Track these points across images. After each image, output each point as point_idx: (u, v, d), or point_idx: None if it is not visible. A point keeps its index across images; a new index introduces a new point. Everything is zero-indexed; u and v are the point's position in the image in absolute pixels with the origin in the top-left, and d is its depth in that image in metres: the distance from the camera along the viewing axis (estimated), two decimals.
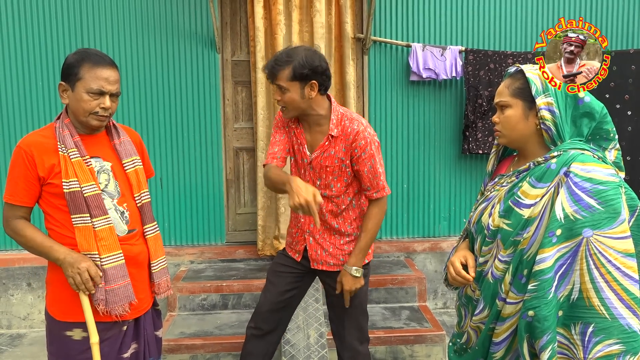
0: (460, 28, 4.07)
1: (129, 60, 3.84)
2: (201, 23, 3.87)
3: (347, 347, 2.30)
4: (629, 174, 4.05)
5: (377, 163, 2.13)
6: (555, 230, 1.35)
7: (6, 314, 3.84)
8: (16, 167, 1.77)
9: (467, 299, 1.65)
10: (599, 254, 1.31)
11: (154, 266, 1.95)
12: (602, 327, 1.30)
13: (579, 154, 1.41)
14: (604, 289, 1.30)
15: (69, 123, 1.82)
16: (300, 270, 2.30)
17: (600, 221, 1.32)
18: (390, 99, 4.07)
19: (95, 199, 1.78)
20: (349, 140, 2.10)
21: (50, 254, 1.76)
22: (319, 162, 2.14)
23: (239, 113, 4.08)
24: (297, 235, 2.28)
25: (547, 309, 1.33)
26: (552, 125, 1.46)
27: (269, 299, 2.29)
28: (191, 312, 3.52)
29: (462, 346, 1.69)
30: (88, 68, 1.76)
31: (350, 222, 2.22)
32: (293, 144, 2.22)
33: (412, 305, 3.63)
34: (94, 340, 1.74)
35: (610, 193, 1.33)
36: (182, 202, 3.99)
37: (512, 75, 1.55)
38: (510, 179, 1.54)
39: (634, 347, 1.30)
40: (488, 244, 1.54)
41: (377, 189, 2.15)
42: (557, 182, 1.40)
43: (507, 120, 1.52)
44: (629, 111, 4.00)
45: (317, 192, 1.80)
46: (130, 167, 1.91)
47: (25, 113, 3.80)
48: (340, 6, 3.81)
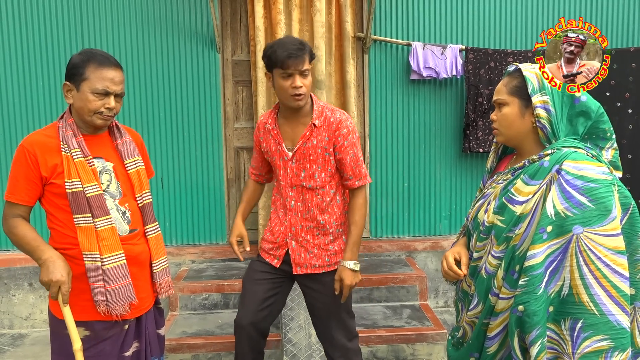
0: (461, 27, 4.07)
1: (129, 60, 3.84)
2: (201, 22, 3.87)
3: (337, 346, 2.27)
4: (630, 172, 4.05)
5: (359, 151, 2.21)
6: (545, 227, 1.36)
7: (8, 314, 3.84)
8: (18, 166, 1.78)
9: (464, 293, 1.68)
10: (589, 250, 1.32)
11: (155, 266, 1.95)
12: (590, 323, 1.32)
13: (571, 151, 1.42)
14: (594, 286, 1.32)
15: (72, 123, 1.83)
16: (279, 275, 2.27)
17: (591, 218, 1.33)
18: (390, 97, 4.07)
19: (97, 199, 1.79)
20: (332, 129, 2.14)
21: (34, 253, 1.76)
22: (302, 153, 2.16)
23: (240, 112, 4.09)
24: (278, 240, 2.24)
25: (536, 304, 1.35)
26: (547, 123, 1.48)
27: (249, 310, 2.21)
28: (193, 312, 3.53)
29: (458, 340, 1.71)
30: (93, 68, 1.77)
31: (335, 218, 2.22)
32: (271, 146, 2.23)
33: (414, 304, 3.64)
34: (76, 347, 1.72)
35: (602, 191, 1.35)
36: (183, 202, 4.00)
37: (510, 73, 1.57)
38: (506, 177, 1.57)
39: (622, 344, 1.31)
40: (482, 240, 1.56)
41: (360, 177, 2.20)
42: (550, 179, 1.41)
43: (504, 117, 1.54)
44: (630, 109, 3.99)
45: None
46: (132, 167, 1.92)
47: (27, 112, 3.80)
48: (341, 5, 3.81)
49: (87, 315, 1.81)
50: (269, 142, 2.24)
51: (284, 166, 2.20)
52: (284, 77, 2.06)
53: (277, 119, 2.24)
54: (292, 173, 2.19)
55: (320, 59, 3.71)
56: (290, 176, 2.19)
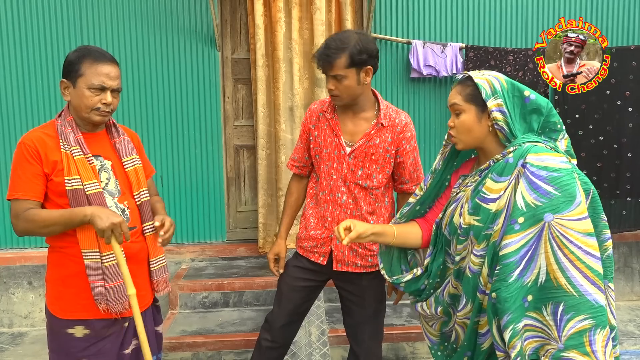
0: (461, 25, 4.07)
1: (129, 58, 3.84)
2: (201, 21, 3.87)
3: (364, 347, 2.25)
4: (630, 171, 4.04)
5: (419, 156, 2.18)
6: (517, 218, 1.42)
7: (7, 312, 3.84)
8: (21, 163, 1.75)
9: (452, 297, 1.69)
10: (561, 236, 1.38)
11: (153, 264, 1.95)
12: (571, 304, 1.37)
13: (532, 146, 1.50)
14: (569, 269, 1.37)
15: (71, 121, 1.82)
16: (317, 280, 2.25)
17: (559, 205, 1.39)
18: (390, 95, 4.06)
19: (97, 197, 1.78)
20: (397, 131, 2.09)
21: (73, 219, 1.70)
22: (363, 150, 2.09)
23: (239, 111, 4.08)
24: (323, 236, 2.18)
25: (507, 290, 1.41)
26: (504, 124, 1.56)
27: (284, 313, 2.23)
28: (192, 310, 3.53)
29: (452, 346, 1.73)
30: (89, 64, 1.77)
31: (382, 220, 2.17)
32: (326, 137, 2.14)
33: None
34: (130, 292, 1.71)
35: (565, 179, 1.41)
36: (183, 200, 3.99)
37: (461, 82, 1.65)
38: (473, 179, 1.64)
39: (602, 321, 1.36)
40: (462, 242, 1.61)
41: (417, 182, 2.17)
42: (517, 174, 1.48)
43: (462, 124, 1.61)
44: (630, 107, 3.99)
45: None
46: (129, 165, 1.91)
47: (25, 111, 3.80)
48: (341, 3, 3.80)
49: (87, 314, 1.80)
50: (324, 132, 2.15)
51: (339, 160, 2.12)
52: (325, 77, 2.02)
53: (336, 109, 2.15)
54: (347, 169, 2.11)
55: None
56: (346, 171, 2.11)
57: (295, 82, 3.78)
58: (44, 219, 1.72)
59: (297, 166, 2.30)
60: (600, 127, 4.01)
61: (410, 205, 1.86)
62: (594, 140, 4.03)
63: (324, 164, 2.16)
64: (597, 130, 4.01)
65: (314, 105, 2.25)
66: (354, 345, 2.29)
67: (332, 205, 2.16)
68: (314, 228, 2.21)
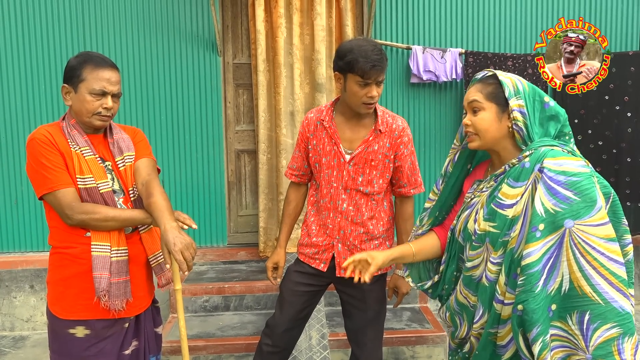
0: (460, 30, 4.09)
1: (130, 63, 3.86)
2: (202, 26, 3.90)
3: (364, 350, 2.26)
4: (629, 175, 4.06)
5: (416, 160, 2.21)
6: (537, 225, 1.38)
7: (9, 316, 3.85)
8: (44, 155, 1.75)
9: (460, 306, 1.67)
10: (583, 242, 1.34)
11: (152, 260, 1.97)
12: (597, 313, 1.33)
13: (549, 150, 1.46)
14: (593, 276, 1.33)
15: (75, 123, 1.85)
16: (319, 285, 2.26)
17: (579, 211, 1.35)
18: (390, 101, 4.08)
19: (110, 196, 1.82)
20: (395, 137, 2.11)
21: (141, 221, 1.88)
22: (362, 157, 2.11)
23: (241, 115, 4.10)
24: (325, 242, 2.20)
25: (534, 302, 1.36)
26: (523, 126, 1.52)
27: (286, 318, 2.24)
28: (193, 314, 3.53)
29: (464, 356, 1.70)
30: (90, 70, 1.80)
31: (382, 224, 2.19)
32: (324, 145, 2.15)
33: (413, 307, 3.64)
34: (177, 287, 1.93)
35: (585, 183, 1.37)
36: (184, 204, 4.01)
37: (482, 80, 1.61)
38: (489, 184, 1.60)
39: (630, 329, 1.32)
40: (475, 248, 1.57)
41: (415, 186, 2.20)
42: (534, 179, 1.44)
43: (480, 122, 1.57)
44: (629, 113, 4.01)
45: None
46: (121, 164, 1.93)
47: (28, 115, 3.82)
48: (341, 9, 3.83)
49: (88, 314, 1.82)
50: (322, 140, 2.16)
51: (339, 168, 2.13)
52: (360, 85, 1.97)
53: (334, 117, 2.16)
54: (348, 176, 2.13)
55: (321, 63, 3.73)
56: (346, 179, 2.13)
57: (296, 87, 3.81)
58: (105, 216, 1.78)
59: (296, 175, 2.32)
60: (599, 132, 4.03)
61: (427, 212, 1.84)
62: (593, 145, 4.04)
63: (323, 172, 2.17)
64: (596, 135, 4.03)
65: (310, 114, 2.26)
66: (355, 348, 2.29)
67: (332, 212, 2.17)
68: (316, 235, 2.22)
